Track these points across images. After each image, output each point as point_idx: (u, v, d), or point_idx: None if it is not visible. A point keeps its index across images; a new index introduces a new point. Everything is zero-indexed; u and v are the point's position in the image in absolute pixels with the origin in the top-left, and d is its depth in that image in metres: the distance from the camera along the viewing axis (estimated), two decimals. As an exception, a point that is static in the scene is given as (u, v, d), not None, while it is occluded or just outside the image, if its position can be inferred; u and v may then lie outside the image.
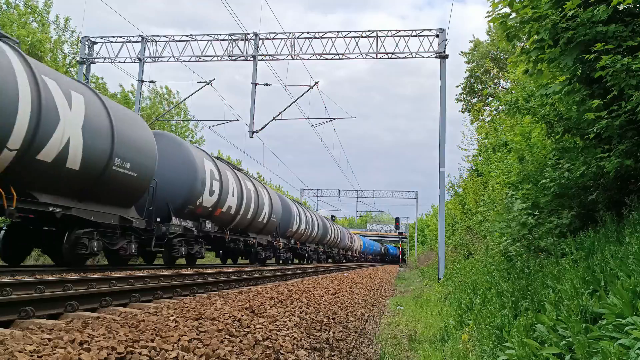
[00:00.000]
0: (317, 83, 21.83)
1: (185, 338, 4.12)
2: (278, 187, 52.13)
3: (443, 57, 19.44)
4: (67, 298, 5.03)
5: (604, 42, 4.57)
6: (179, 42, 21.60)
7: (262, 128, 21.67)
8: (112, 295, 5.62)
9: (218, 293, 7.46)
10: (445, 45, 19.42)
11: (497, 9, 5.55)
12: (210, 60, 21.40)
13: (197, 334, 4.37)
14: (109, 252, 11.18)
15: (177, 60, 21.54)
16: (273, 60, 20.96)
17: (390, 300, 11.93)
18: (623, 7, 4.87)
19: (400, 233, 66.30)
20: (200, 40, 21.42)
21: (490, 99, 27.25)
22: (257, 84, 21.13)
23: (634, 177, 5.35)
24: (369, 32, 20.34)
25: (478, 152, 24.32)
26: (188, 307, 5.58)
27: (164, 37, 21.75)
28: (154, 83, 22.77)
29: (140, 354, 3.58)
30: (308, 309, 7.15)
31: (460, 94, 31.44)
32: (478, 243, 16.21)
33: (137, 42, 21.84)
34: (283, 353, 4.58)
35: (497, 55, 28.72)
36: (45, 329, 3.92)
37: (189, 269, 12.55)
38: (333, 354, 4.94)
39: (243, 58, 21.11)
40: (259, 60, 20.99)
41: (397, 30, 20.25)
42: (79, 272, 9.12)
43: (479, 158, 23.37)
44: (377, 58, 20.27)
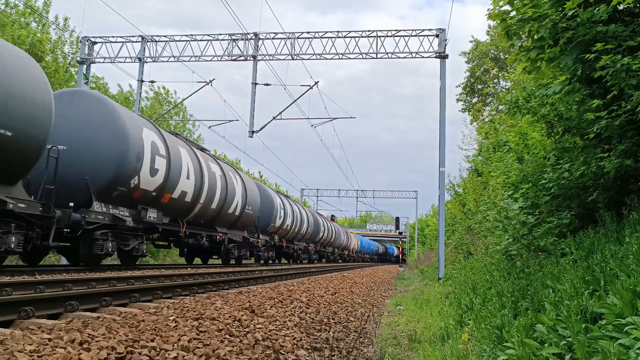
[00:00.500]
0: (317, 83, 21.84)
1: (185, 338, 4.11)
2: (276, 186, 52.00)
3: (443, 57, 19.44)
4: (67, 298, 5.02)
5: (604, 42, 4.57)
6: (179, 42, 21.60)
7: (262, 128, 21.69)
8: (112, 295, 5.62)
9: (218, 293, 7.46)
10: (445, 45, 19.42)
11: (497, 7, 5.55)
12: (210, 60, 21.41)
13: (197, 334, 4.37)
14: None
15: (177, 60, 21.53)
16: (273, 60, 20.97)
17: (390, 300, 11.93)
18: (623, 6, 4.87)
19: (400, 233, 66.32)
20: (200, 40, 21.42)
21: (490, 99, 27.26)
22: (257, 84, 21.14)
23: (634, 177, 5.35)
24: (369, 32, 20.34)
25: (478, 152, 24.32)
26: (188, 307, 5.58)
27: (164, 37, 21.75)
28: (154, 83, 22.79)
29: (140, 354, 3.58)
30: (308, 309, 7.15)
31: (460, 94, 31.47)
32: (478, 243, 16.21)
33: (137, 42, 21.84)
34: (283, 353, 4.58)
35: (497, 55, 28.73)
36: (45, 329, 3.92)
37: (189, 269, 12.53)
38: (333, 354, 4.94)
39: (243, 58, 21.10)
40: (259, 60, 20.99)
41: (397, 30, 20.25)
42: (79, 272, 9.12)
43: (479, 158, 23.37)
44: (377, 58, 20.27)
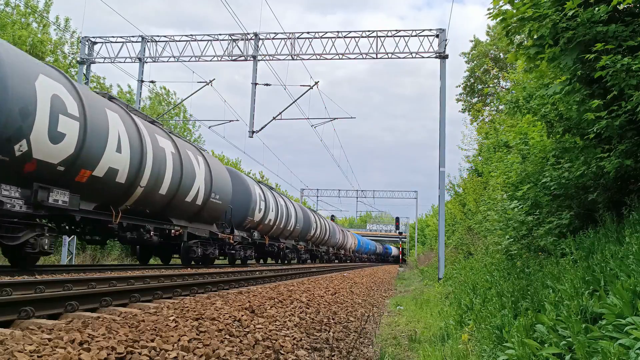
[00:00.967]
0: (317, 83, 21.84)
1: (185, 338, 4.11)
2: (277, 186, 51.90)
3: (443, 57, 19.44)
4: (67, 298, 5.02)
5: (604, 42, 4.57)
6: (179, 42, 21.60)
7: (262, 128, 21.68)
8: (112, 295, 5.62)
9: (218, 293, 7.46)
10: (445, 45, 19.41)
11: (497, 6, 5.55)
12: (210, 60, 21.40)
13: (197, 334, 4.37)
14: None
15: (177, 60, 21.53)
16: (273, 60, 20.96)
17: (390, 300, 11.93)
18: (623, 6, 4.87)
19: (400, 233, 66.29)
20: (200, 40, 21.43)
21: (491, 99, 27.27)
22: (257, 84, 21.13)
23: (634, 177, 5.35)
24: (369, 32, 20.34)
25: (478, 152, 24.33)
26: (188, 307, 5.58)
27: (164, 37, 21.75)
28: (153, 83, 22.79)
29: (140, 354, 3.58)
30: (308, 309, 7.15)
31: (460, 94, 31.48)
32: (478, 243, 16.22)
33: (137, 42, 21.84)
34: (283, 353, 4.58)
35: (496, 55, 28.73)
36: (45, 329, 3.92)
37: (189, 269, 12.54)
38: (333, 354, 4.94)
39: (243, 58, 21.10)
40: (259, 60, 20.99)
41: (397, 31, 20.25)
42: (79, 272, 9.12)
43: (479, 158, 23.38)
44: (377, 58, 20.26)
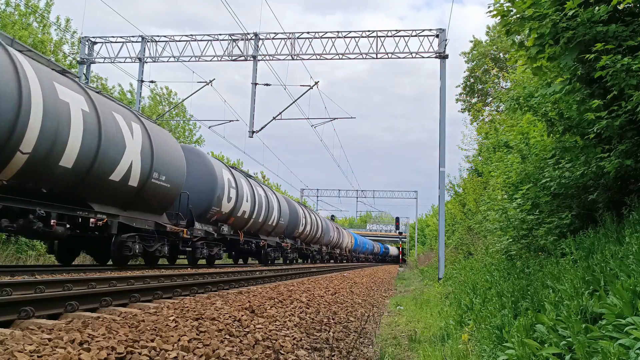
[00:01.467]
0: (317, 83, 21.84)
1: (185, 338, 4.11)
2: (278, 186, 51.95)
3: (443, 57, 19.44)
4: (67, 298, 5.02)
5: (604, 42, 4.57)
6: (179, 42, 21.62)
7: (262, 128, 21.69)
8: (112, 295, 5.62)
9: (218, 293, 7.46)
10: (445, 45, 19.42)
11: (498, 4, 5.55)
12: (210, 60, 21.42)
13: (197, 334, 4.37)
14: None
15: (177, 60, 21.55)
16: (273, 60, 20.98)
17: (390, 300, 11.93)
18: (623, 6, 4.87)
19: (400, 233, 66.27)
20: (200, 41, 21.44)
21: (491, 99, 27.27)
22: (257, 84, 21.14)
23: (634, 177, 5.35)
24: (369, 32, 20.34)
25: (478, 152, 24.34)
26: (188, 307, 5.58)
27: (164, 37, 21.76)
28: (154, 83, 22.80)
29: (140, 354, 3.58)
30: (308, 309, 7.15)
31: (460, 94, 31.49)
32: (478, 243, 16.22)
33: (137, 42, 21.85)
34: (283, 353, 4.58)
35: (496, 56, 28.74)
36: (45, 329, 3.92)
37: (189, 269, 12.53)
38: (333, 354, 4.94)
39: (243, 58, 21.11)
40: (259, 60, 21.00)
41: (397, 31, 20.25)
42: (79, 272, 9.12)
43: (479, 158, 23.38)
44: (377, 58, 20.27)
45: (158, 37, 21.80)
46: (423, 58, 19.96)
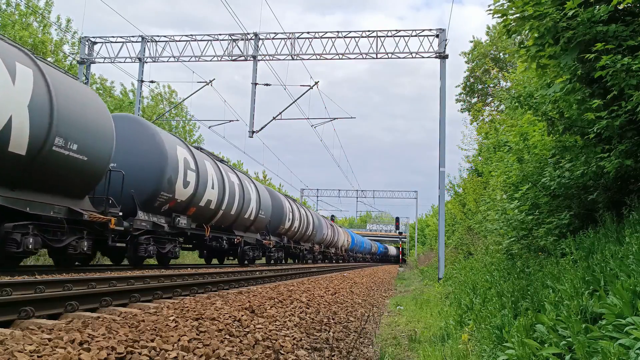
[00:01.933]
0: (317, 83, 21.84)
1: (185, 338, 4.11)
2: (280, 186, 51.85)
3: (443, 57, 19.44)
4: (67, 298, 5.02)
5: (604, 41, 4.57)
6: (179, 42, 21.62)
7: (262, 128, 21.69)
8: (112, 295, 5.62)
9: (218, 293, 7.46)
10: (445, 45, 19.42)
11: (498, 4, 5.55)
12: (210, 60, 21.43)
13: (197, 334, 4.37)
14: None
15: (177, 60, 21.55)
16: (273, 60, 20.98)
17: (390, 300, 11.93)
18: (623, 6, 4.87)
19: (400, 233, 66.30)
20: (200, 41, 21.44)
21: (491, 99, 27.28)
22: (257, 84, 21.14)
23: (634, 177, 5.35)
24: (369, 32, 20.34)
25: (478, 152, 24.35)
26: (188, 307, 5.58)
27: (164, 37, 21.76)
28: (155, 83, 22.81)
29: (140, 354, 3.58)
30: (308, 309, 7.15)
31: (460, 94, 31.50)
32: (478, 243, 16.22)
33: (137, 42, 21.86)
34: (283, 353, 4.58)
35: (496, 56, 28.75)
36: (45, 329, 3.92)
37: (189, 269, 12.53)
38: (333, 354, 4.94)
39: (243, 58, 21.11)
40: (259, 60, 21.00)
41: (397, 31, 20.25)
42: (79, 272, 9.12)
43: (479, 158, 23.39)
44: (377, 58, 20.27)
45: (158, 37, 21.81)
46: (423, 58, 19.97)
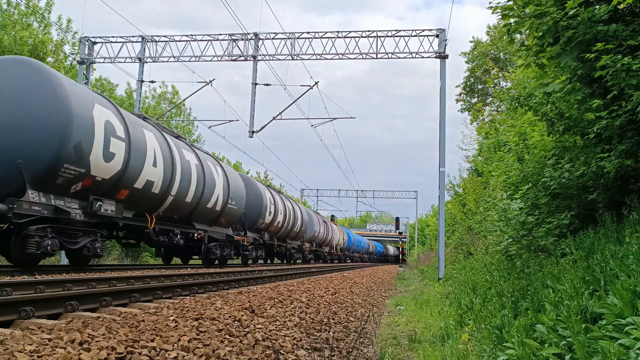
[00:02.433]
0: (317, 83, 21.83)
1: (185, 338, 4.11)
2: (280, 186, 51.76)
3: (443, 57, 19.44)
4: (67, 298, 5.02)
5: (605, 41, 4.57)
6: (179, 42, 21.62)
7: (262, 128, 21.69)
8: (112, 295, 5.62)
9: (218, 293, 7.46)
10: (445, 46, 19.42)
11: (497, 2, 5.54)
12: (210, 60, 21.42)
13: (197, 334, 4.37)
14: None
15: (177, 60, 21.54)
16: (273, 60, 20.98)
17: (390, 300, 11.92)
18: (623, 6, 4.87)
19: (400, 233, 66.32)
20: (200, 41, 21.44)
21: (491, 99, 27.28)
22: (257, 84, 21.14)
23: (634, 177, 5.35)
24: (369, 32, 20.34)
25: (478, 152, 24.35)
26: (188, 307, 5.58)
27: (164, 37, 21.76)
28: (155, 82, 22.82)
29: (140, 354, 3.58)
30: (308, 309, 7.15)
31: (460, 94, 31.50)
32: (478, 243, 16.22)
33: (137, 42, 21.85)
34: (283, 353, 4.58)
35: (496, 56, 28.76)
36: (45, 329, 3.92)
37: (189, 269, 12.53)
38: (333, 354, 4.94)
39: (243, 58, 21.11)
40: (259, 61, 21.00)
41: (397, 31, 20.25)
42: (79, 272, 9.12)
43: (479, 158, 23.39)
44: (377, 58, 20.27)
45: (158, 37, 21.81)
46: (423, 58, 19.97)
